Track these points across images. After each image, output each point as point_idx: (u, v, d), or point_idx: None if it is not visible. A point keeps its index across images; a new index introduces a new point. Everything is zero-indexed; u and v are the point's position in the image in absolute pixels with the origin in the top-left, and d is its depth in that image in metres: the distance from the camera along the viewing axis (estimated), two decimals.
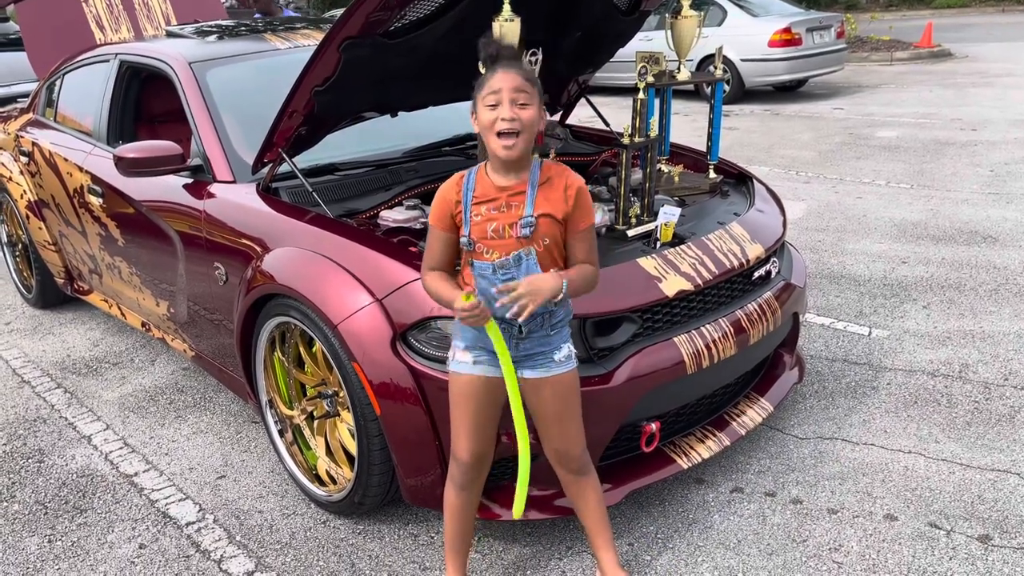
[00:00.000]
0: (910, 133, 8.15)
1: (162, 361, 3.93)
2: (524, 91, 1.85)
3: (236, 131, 3.12)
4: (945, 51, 14.03)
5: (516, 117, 1.83)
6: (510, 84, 1.83)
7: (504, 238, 1.90)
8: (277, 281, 2.54)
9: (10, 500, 2.88)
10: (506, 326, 1.96)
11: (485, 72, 1.89)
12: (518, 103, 1.84)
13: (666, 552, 2.44)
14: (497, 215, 1.91)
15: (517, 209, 1.90)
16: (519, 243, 1.90)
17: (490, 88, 1.84)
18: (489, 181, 1.94)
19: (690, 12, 3.08)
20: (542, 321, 1.96)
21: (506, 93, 1.83)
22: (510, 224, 1.90)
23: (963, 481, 2.70)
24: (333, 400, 2.62)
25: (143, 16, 5.07)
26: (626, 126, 2.71)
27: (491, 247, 1.91)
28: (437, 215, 1.98)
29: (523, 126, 1.85)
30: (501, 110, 1.83)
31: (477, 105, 1.89)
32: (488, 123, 1.85)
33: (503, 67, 1.85)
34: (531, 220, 1.89)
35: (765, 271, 2.82)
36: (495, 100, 1.84)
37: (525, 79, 1.86)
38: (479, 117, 1.89)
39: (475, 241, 1.92)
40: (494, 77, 1.84)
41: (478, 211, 1.92)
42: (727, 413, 2.77)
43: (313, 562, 2.48)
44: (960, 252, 4.80)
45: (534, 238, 1.91)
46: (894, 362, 3.52)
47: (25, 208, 4.38)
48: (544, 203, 1.91)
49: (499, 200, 1.91)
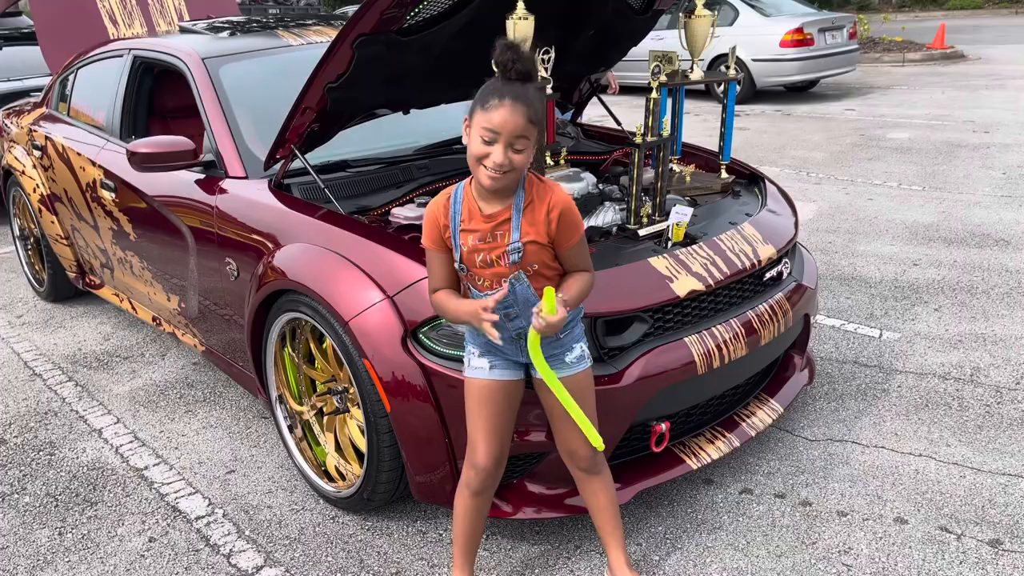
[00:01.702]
0: (922, 135, 8.11)
1: (172, 356, 3.95)
2: (524, 136, 1.75)
3: (248, 127, 3.12)
4: (958, 53, 13.96)
5: (507, 162, 1.75)
6: (512, 128, 1.72)
7: (494, 266, 1.90)
8: (288, 277, 2.55)
9: (21, 492, 2.90)
10: (517, 330, 1.96)
11: (491, 89, 1.76)
12: (514, 148, 1.75)
13: (675, 552, 2.44)
14: (483, 246, 1.88)
15: (503, 238, 1.87)
16: (510, 269, 1.89)
17: (489, 123, 1.73)
18: (475, 205, 1.89)
19: (704, 11, 3.07)
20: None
21: (505, 136, 1.73)
22: (497, 256, 1.89)
23: (974, 485, 2.68)
24: (343, 396, 2.62)
25: (156, 12, 5.09)
26: (639, 125, 2.71)
27: (482, 275, 1.91)
28: (430, 237, 1.96)
29: (513, 168, 1.78)
30: (495, 152, 1.74)
31: (472, 124, 1.78)
32: (477, 155, 1.77)
33: (512, 101, 1.72)
34: (518, 246, 1.86)
35: (776, 272, 2.81)
36: (491, 138, 1.74)
37: (528, 121, 1.74)
38: (471, 142, 1.78)
39: (467, 268, 1.92)
40: (497, 112, 1.72)
41: (465, 240, 1.89)
42: (737, 414, 2.76)
43: (322, 558, 2.48)
44: (972, 255, 4.77)
45: (523, 263, 1.89)
46: (905, 365, 3.50)
47: (38, 202, 4.40)
48: (529, 229, 1.86)
49: (484, 231, 1.88)
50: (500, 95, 1.74)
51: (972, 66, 12.94)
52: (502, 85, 1.75)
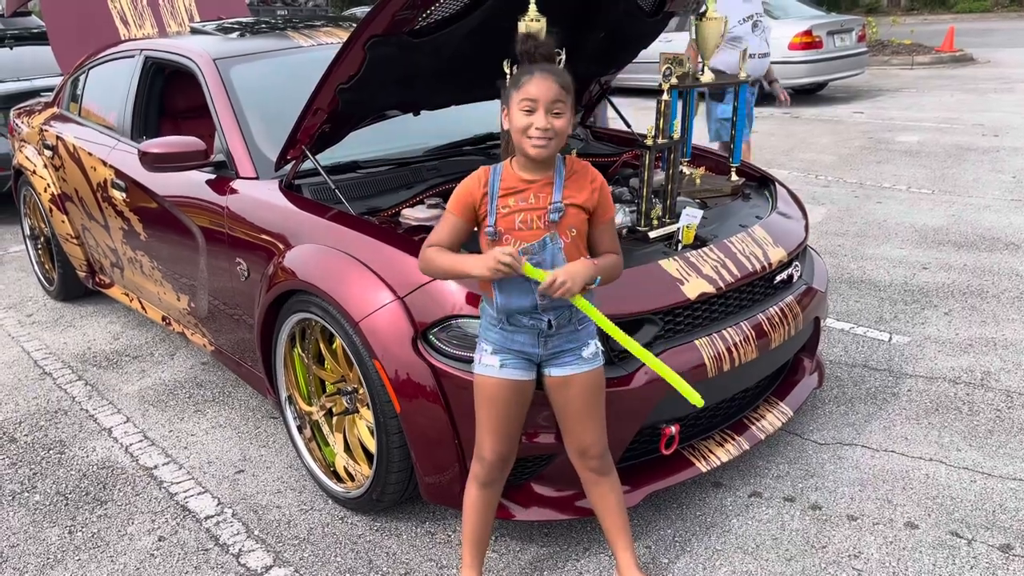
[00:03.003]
0: (931, 138, 8.09)
1: (181, 355, 3.96)
2: (560, 100, 1.87)
3: (259, 128, 3.13)
4: (967, 56, 13.91)
5: (550, 126, 1.87)
6: (547, 94, 1.85)
7: (532, 228, 1.93)
8: (299, 277, 2.56)
9: (31, 491, 2.91)
10: (534, 322, 1.98)
11: (521, 71, 1.90)
12: (553, 112, 1.87)
13: (684, 555, 2.44)
14: (525, 206, 1.94)
15: (545, 199, 1.94)
16: (547, 229, 1.93)
17: (527, 95, 1.85)
18: (516, 175, 1.97)
19: (715, 14, 3.07)
20: (570, 316, 1.99)
21: (543, 102, 1.85)
22: (538, 215, 1.93)
23: (985, 490, 2.67)
24: (352, 397, 2.63)
25: (167, 12, 5.11)
26: (650, 127, 2.71)
27: (518, 237, 1.94)
28: (457, 204, 2.00)
29: (556, 134, 1.88)
30: (536, 118, 1.86)
31: (511, 105, 1.90)
32: (522, 127, 1.88)
33: (540, 73, 1.86)
34: (560, 206, 1.93)
35: (787, 275, 2.80)
36: (531, 107, 1.86)
37: (561, 87, 1.87)
38: (512, 119, 1.90)
39: (502, 232, 1.94)
40: (531, 83, 1.85)
41: (505, 203, 1.95)
42: (746, 417, 2.75)
43: (331, 558, 2.49)
44: (982, 258, 4.75)
45: (561, 226, 1.93)
46: (915, 369, 3.49)
47: (48, 201, 4.42)
48: (572, 193, 1.95)
49: (527, 191, 1.95)
50: (529, 72, 1.88)
51: (981, 69, 12.90)
52: (530, 66, 1.90)
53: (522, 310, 1.97)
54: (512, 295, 1.96)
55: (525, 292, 1.94)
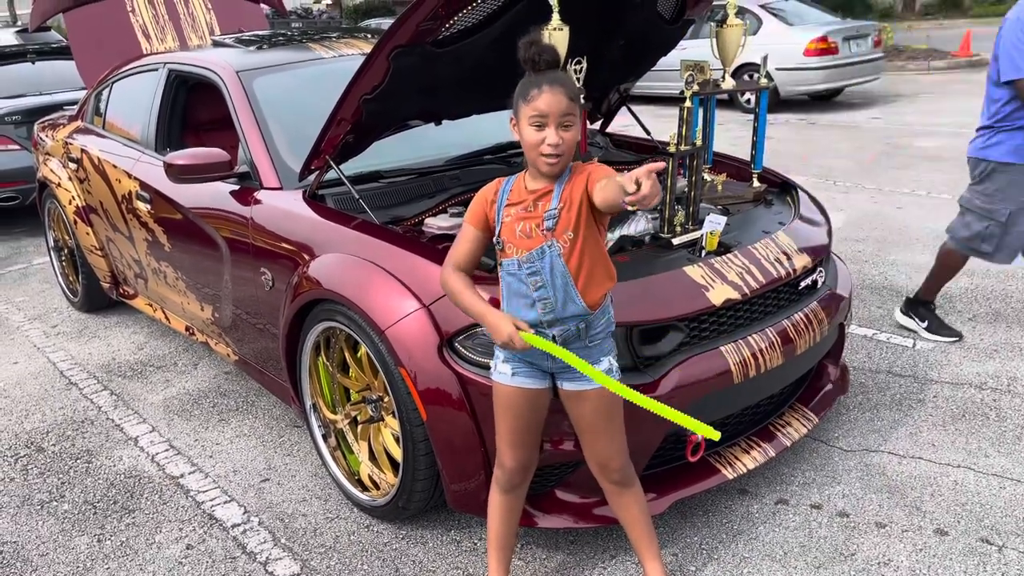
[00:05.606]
0: (949, 143, 8.03)
1: (205, 365, 3.99)
2: (570, 113, 1.85)
3: (282, 138, 3.16)
4: (983, 60, 13.80)
5: (561, 141, 1.85)
6: (558, 108, 1.83)
7: (531, 236, 1.93)
8: (324, 286, 2.57)
9: (60, 500, 2.94)
10: (542, 300, 1.93)
11: (528, 82, 1.87)
12: (563, 125, 1.85)
13: (711, 563, 2.42)
14: (525, 215, 1.94)
15: (543, 207, 1.93)
16: (545, 238, 1.92)
17: (536, 110, 1.83)
18: (523, 185, 1.97)
19: (736, 20, 3.07)
20: (578, 333, 1.96)
21: (553, 118, 1.83)
22: (536, 223, 1.93)
23: (1014, 496, 2.65)
24: (377, 405, 2.64)
25: (188, 26, 5.17)
26: (672, 134, 2.71)
27: (519, 247, 1.94)
28: (472, 215, 2.02)
29: (567, 147, 1.87)
30: (548, 134, 1.84)
31: (520, 119, 1.88)
32: (534, 144, 1.86)
33: (549, 86, 1.83)
34: (553, 212, 1.91)
35: (811, 280, 2.79)
36: (541, 122, 1.84)
37: (570, 99, 1.85)
38: (523, 134, 1.89)
39: (504, 241, 1.96)
40: (540, 98, 1.83)
41: (508, 212, 1.96)
42: (772, 424, 2.74)
43: (358, 566, 2.49)
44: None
45: (557, 231, 1.91)
46: (940, 375, 3.46)
47: (73, 214, 4.47)
48: (568, 195, 1.92)
49: (527, 201, 1.94)
50: (538, 84, 1.84)
51: None
52: (536, 76, 1.86)
53: (523, 297, 1.96)
54: (518, 309, 1.96)
55: (528, 307, 1.94)
